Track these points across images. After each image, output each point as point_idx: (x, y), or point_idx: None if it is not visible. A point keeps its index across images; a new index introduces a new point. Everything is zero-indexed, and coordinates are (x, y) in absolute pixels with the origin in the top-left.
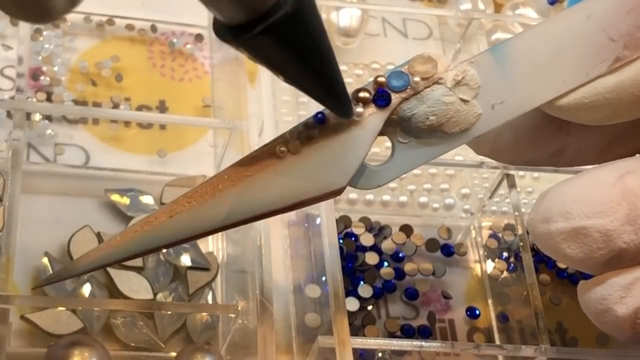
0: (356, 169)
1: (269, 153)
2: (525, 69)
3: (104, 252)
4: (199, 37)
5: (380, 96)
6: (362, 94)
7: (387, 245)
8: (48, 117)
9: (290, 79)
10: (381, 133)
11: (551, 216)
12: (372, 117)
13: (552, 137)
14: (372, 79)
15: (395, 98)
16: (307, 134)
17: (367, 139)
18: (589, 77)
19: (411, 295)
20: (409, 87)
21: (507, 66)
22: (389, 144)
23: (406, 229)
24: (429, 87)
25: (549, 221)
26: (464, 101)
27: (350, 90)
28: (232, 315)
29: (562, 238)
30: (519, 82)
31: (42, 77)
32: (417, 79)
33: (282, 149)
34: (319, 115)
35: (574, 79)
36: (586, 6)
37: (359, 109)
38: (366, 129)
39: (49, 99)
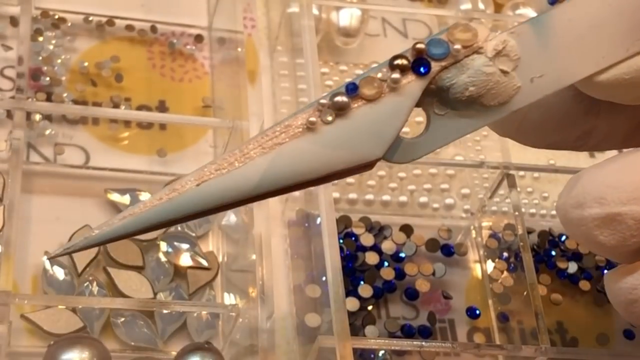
0: (393, 139)
1: (301, 122)
2: (566, 42)
3: (126, 221)
4: (198, 38)
5: (420, 63)
6: (399, 61)
7: (387, 245)
8: (48, 117)
9: None
10: (417, 104)
11: (585, 201)
12: (410, 85)
13: (581, 119)
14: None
15: (434, 66)
16: (340, 103)
17: (405, 108)
18: (629, 53)
19: (411, 295)
20: (449, 55)
21: (547, 38)
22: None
23: (406, 229)
24: (469, 56)
25: (583, 206)
26: (504, 72)
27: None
28: (233, 314)
29: (596, 224)
30: (558, 56)
31: (42, 77)
32: (457, 46)
33: (313, 119)
34: (350, 86)
35: (614, 54)
36: None
37: (396, 75)
38: (404, 97)
39: (49, 99)
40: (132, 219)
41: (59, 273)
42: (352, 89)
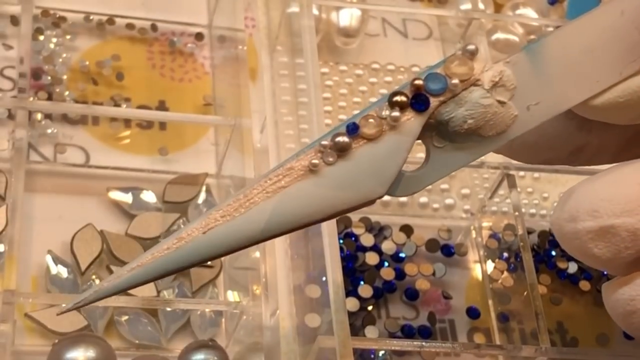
0: (395, 176)
1: (302, 164)
2: (560, 69)
3: (134, 273)
4: (199, 36)
5: (419, 100)
6: (398, 98)
7: (387, 245)
8: (49, 117)
9: None
10: (417, 138)
11: (578, 215)
12: (410, 122)
13: (573, 135)
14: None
15: (433, 102)
16: (341, 144)
17: (405, 144)
18: (623, 76)
19: (411, 295)
20: (447, 89)
21: (541, 66)
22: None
23: (406, 229)
24: (466, 89)
25: (576, 220)
26: (501, 103)
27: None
28: (237, 311)
29: (590, 237)
30: (554, 82)
31: (43, 77)
32: (455, 81)
33: (316, 161)
34: (351, 126)
35: (608, 77)
36: (621, 2)
37: (395, 113)
38: (404, 134)
39: (50, 98)
40: (140, 270)
41: (63, 272)
42: (352, 129)
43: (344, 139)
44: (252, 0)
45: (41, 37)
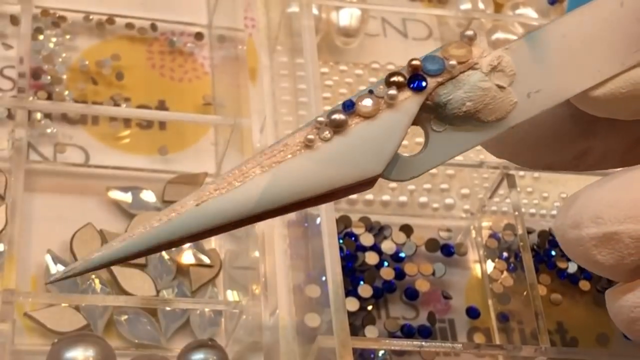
0: (392, 155)
1: (299, 141)
2: (561, 57)
3: (125, 244)
4: (198, 36)
5: (416, 79)
6: (395, 78)
7: (387, 245)
8: (48, 116)
9: None
10: (415, 122)
11: (582, 221)
12: (406, 102)
13: (577, 139)
14: (366, 81)
15: (431, 82)
16: (337, 121)
17: (402, 124)
18: (625, 67)
19: (411, 295)
20: (445, 70)
21: (542, 54)
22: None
23: (406, 229)
24: (464, 71)
25: (580, 226)
26: (500, 88)
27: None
28: (236, 311)
29: (593, 244)
30: (554, 71)
31: (42, 76)
32: (453, 62)
33: (311, 136)
34: (347, 103)
35: (609, 67)
36: None
37: (392, 92)
38: (401, 113)
39: (49, 98)
40: (131, 241)
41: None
42: (349, 106)
43: (339, 115)
44: (252, 0)
45: (41, 37)
